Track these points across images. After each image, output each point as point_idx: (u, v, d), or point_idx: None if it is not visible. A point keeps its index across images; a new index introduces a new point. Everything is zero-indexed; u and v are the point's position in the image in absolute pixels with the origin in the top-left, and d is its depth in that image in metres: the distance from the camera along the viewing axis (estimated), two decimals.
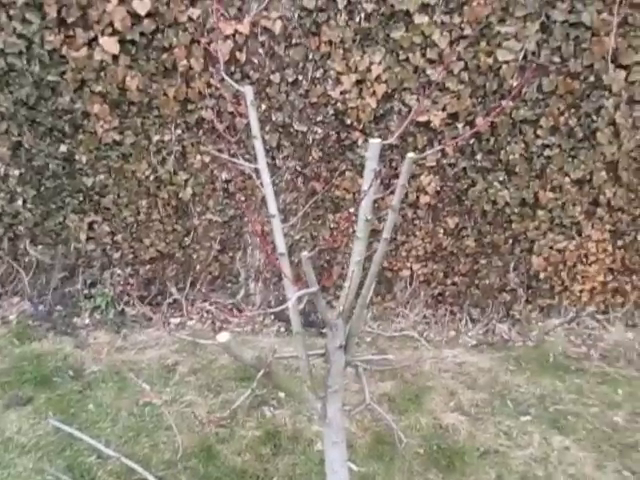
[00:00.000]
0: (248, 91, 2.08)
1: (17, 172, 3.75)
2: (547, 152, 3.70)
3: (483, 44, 3.43)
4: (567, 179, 3.79)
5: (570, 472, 2.89)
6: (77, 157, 3.72)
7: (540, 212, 3.88)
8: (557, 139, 3.66)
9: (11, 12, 3.33)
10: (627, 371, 3.75)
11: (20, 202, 3.84)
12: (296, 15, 3.43)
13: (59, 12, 3.32)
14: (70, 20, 3.34)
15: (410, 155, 1.54)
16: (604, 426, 3.21)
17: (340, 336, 1.83)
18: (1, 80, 3.51)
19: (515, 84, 3.49)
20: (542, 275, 4.08)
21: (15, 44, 3.40)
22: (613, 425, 3.22)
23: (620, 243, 3.99)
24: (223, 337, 1.55)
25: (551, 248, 4.00)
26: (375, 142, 1.80)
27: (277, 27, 3.42)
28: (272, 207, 2.00)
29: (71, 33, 3.38)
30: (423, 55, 3.47)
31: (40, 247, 3.99)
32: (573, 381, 3.65)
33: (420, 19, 3.37)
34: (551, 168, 3.75)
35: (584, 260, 4.06)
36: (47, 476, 2.68)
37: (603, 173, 3.75)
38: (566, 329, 4.20)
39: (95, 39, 3.39)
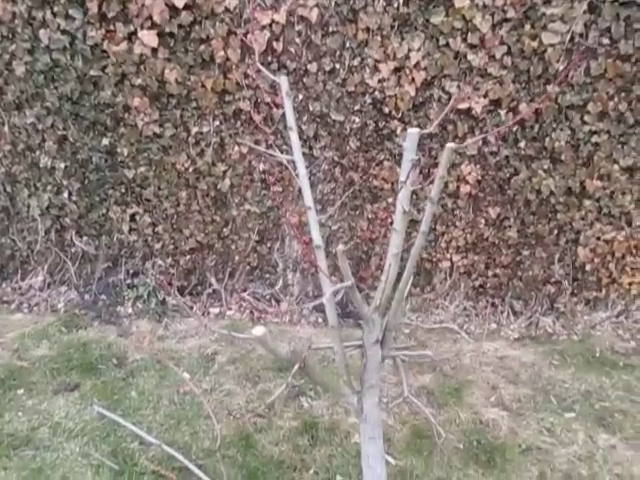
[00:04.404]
0: (283, 81, 2.06)
1: (63, 165, 3.86)
2: (595, 139, 3.55)
3: (527, 27, 3.29)
4: (616, 167, 3.62)
5: (616, 472, 2.79)
6: (119, 150, 3.79)
7: (587, 201, 3.74)
8: (606, 125, 3.50)
9: (55, 9, 3.41)
10: None
11: (66, 194, 3.96)
12: (333, 2, 3.37)
13: (100, 7, 3.37)
14: (111, 15, 3.39)
15: (450, 145, 1.49)
16: None
17: (376, 331, 1.81)
18: (47, 76, 3.60)
19: (561, 68, 3.35)
20: (588, 267, 3.93)
21: (59, 40, 3.47)
22: None
23: None
24: (258, 331, 1.54)
25: (598, 239, 3.85)
26: (413, 132, 1.75)
27: (314, 15, 3.37)
28: (308, 199, 1.98)
29: (112, 28, 3.43)
30: (464, 40, 3.36)
31: (85, 238, 4.10)
32: (621, 377, 3.52)
33: (461, 3, 3.26)
34: (599, 155, 3.59)
35: (634, 251, 3.89)
36: (92, 460, 2.78)
37: None
38: (614, 323, 4.05)
39: (135, 33, 3.43)
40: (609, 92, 3.41)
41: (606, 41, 3.30)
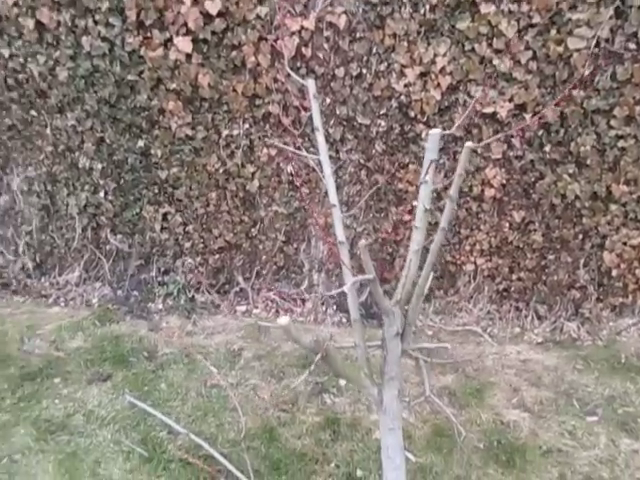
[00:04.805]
0: (310, 84, 2.15)
1: (100, 166, 4.03)
2: (621, 143, 3.54)
3: (553, 32, 3.32)
4: None
5: (638, 476, 2.78)
6: (153, 151, 3.95)
7: (613, 206, 3.72)
8: (632, 129, 3.49)
9: (96, 17, 3.58)
10: None
11: (102, 194, 4.13)
12: (360, 9, 3.46)
13: (138, 15, 3.53)
14: (148, 22, 3.54)
15: (468, 144, 1.56)
16: None
17: (397, 324, 1.87)
18: (87, 80, 3.77)
19: (587, 73, 3.37)
20: (614, 272, 3.91)
21: (100, 47, 3.64)
22: None
23: None
24: (283, 320, 1.63)
25: (625, 244, 3.82)
26: (435, 132, 1.82)
27: (342, 22, 3.47)
28: (333, 197, 2.07)
29: (149, 35, 3.59)
30: (489, 45, 3.40)
31: (119, 236, 4.27)
32: None
33: (487, 8, 3.31)
34: (625, 160, 3.58)
35: None
36: (123, 447, 2.90)
37: None
38: None
39: (170, 39, 3.58)
40: (635, 97, 3.40)
41: (633, 46, 3.30)
